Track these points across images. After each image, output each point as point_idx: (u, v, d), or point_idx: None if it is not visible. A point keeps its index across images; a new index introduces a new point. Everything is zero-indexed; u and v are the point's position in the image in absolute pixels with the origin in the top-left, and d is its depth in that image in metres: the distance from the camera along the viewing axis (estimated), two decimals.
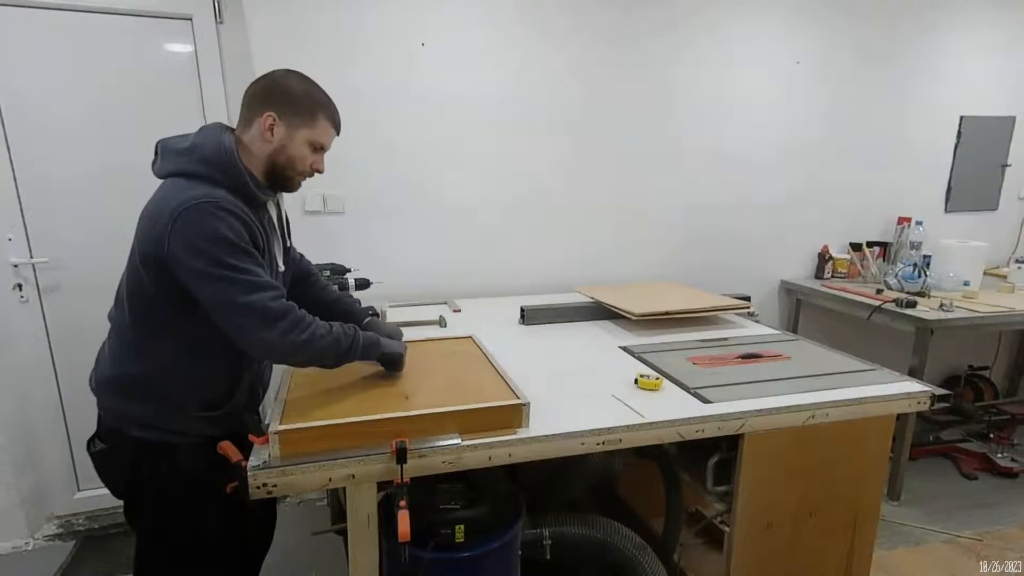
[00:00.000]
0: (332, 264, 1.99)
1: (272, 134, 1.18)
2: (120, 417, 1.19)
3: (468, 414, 1.16)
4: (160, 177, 1.18)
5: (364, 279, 1.98)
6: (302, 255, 1.54)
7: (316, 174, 1.27)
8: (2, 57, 1.95)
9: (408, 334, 1.80)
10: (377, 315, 1.61)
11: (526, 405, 1.20)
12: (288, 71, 1.25)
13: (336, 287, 1.65)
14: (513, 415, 1.19)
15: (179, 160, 1.14)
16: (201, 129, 1.19)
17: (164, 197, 1.11)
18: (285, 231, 1.37)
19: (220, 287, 1.07)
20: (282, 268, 1.30)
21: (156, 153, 1.20)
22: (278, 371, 1.42)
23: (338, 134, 1.28)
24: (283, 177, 1.23)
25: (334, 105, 1.26)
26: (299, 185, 1.28)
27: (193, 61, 2.12)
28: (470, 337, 1.68)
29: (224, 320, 1.10)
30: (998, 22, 2.96)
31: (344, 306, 1.52)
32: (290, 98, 1.19)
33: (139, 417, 1.18)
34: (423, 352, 1.56)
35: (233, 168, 1.14)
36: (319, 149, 1.25)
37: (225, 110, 2.16)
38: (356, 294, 1.99)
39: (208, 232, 1.06)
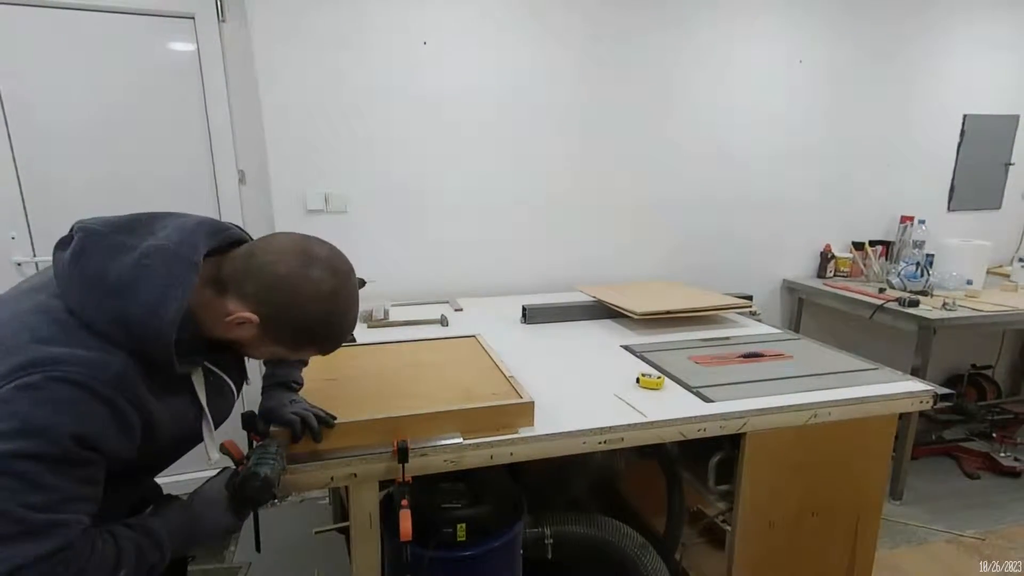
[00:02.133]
0: None
1: (238, 328, 0.86)
2: None
3: (472, 413, 1.17)
4: (56, 263, 0.80)
5: (360, 279, 1.95)
6: None
7: None
8: (5, 56, 1.95)
9: (410, 333, 1.81)
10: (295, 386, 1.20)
11: (531, 403, 1.21)
12: (324, 279, 0.86)
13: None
14: (519, 413, 1.20)
15: (91, 293, 0.77)
16: (147, 263, 0.78)
17: (17, 324, 0.75)
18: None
19: None
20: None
21: (73, 235, 0.80)
22: None
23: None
24: (223, 349, 0.92)
25: (342, 336, 0.95)
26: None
27: (195, 60, 2.12)
28: (474, 337, 1.68)
29: None
30: (1002, 20, 2.95)
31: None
32: (293, 323, 0.86)
33: None
34: (427, 351, 1.56)
35: (162, 347, 0.78)
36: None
37: (227, 109, 2.17)
38: None
39: (28, 418, 0.70)
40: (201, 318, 0.85)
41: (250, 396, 2.22)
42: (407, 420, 1.13)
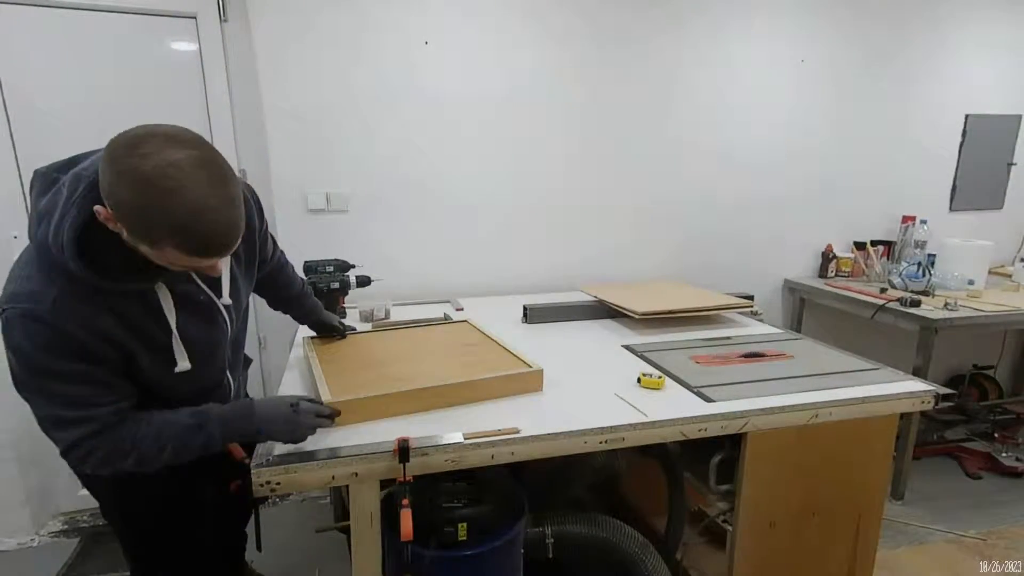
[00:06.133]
0: (336, 260, 2.00)
1: (118, 227, 0.83)
2: None
3: (486, 383, 1.30)
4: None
5: (366, 276, 2.02)
6: (282, 252, 1.45)
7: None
8: (7, 55, 1.95)
9: None
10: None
11: (540, 371, 1.36)
12: (138, 165, 0.77)
13: (307, 285, 1.57)
14: (529, 380, 1.36)
15: (36, 225, 0.89)
16: (60, 189, 0.86)
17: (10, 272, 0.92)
18: (229, 271, 1.11)
19: (33, 406, 0.93)
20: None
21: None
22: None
23: (216, 255, 0.87)
24: (157, 268, 0.89)
25: (199, 225, 0.80)
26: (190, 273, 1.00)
27: (197, 59, 2.12)
28: (466, 321, 1.76)
29: None
30: (1004, 20, 2.94)
31: (297, 304, 1.53)
32: (122, 210, 0.80)
33: None
34: (427, 336, 1.63)
35: (71, 262, 0.85)
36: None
37: (229, 108, 2.17)
38: (357, 291, 2.01)
39: (13, 346, 0.88)
40: (119, 232, 0.85)
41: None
42: (425, 392, 1.24)
